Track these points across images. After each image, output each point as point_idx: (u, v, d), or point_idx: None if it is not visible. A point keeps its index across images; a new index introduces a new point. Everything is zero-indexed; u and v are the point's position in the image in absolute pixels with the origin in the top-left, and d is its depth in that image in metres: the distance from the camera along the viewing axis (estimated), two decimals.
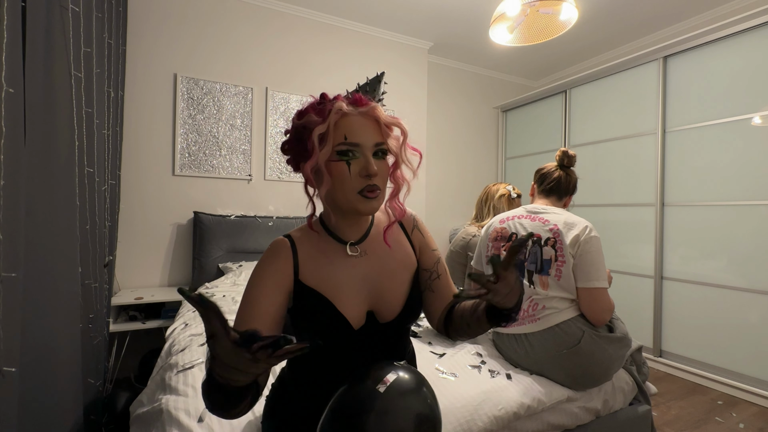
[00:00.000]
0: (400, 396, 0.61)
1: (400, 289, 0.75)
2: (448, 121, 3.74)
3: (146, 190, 2.38)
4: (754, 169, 2.09)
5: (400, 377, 0.63)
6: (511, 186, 2.00)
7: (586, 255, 1.18)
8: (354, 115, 0.66)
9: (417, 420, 0.60)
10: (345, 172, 0.65)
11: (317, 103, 0.68)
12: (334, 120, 0.65)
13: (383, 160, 0.69)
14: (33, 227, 1.02)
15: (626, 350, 1.25)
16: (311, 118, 0.67)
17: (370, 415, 0.58)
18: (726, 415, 1.88)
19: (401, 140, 0.70)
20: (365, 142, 0.66)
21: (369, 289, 0.73)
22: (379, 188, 0.67)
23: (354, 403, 0.61)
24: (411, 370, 0.66)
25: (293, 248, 0.72)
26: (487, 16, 2.77)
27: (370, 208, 0.67)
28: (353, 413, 0.59)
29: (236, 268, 2.26)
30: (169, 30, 2.44)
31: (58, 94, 1.15)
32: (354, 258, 0.74)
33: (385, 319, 0.74)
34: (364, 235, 0.76)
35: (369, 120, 0.67)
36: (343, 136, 0.65)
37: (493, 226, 1.42)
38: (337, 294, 0.70)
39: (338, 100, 0.67)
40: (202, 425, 0.88)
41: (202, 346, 1.31)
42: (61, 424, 1.13)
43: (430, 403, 0.63)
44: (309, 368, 0.77)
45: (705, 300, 2.27)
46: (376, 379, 0.62)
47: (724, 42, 2.22)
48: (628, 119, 2.72)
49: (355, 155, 0.65)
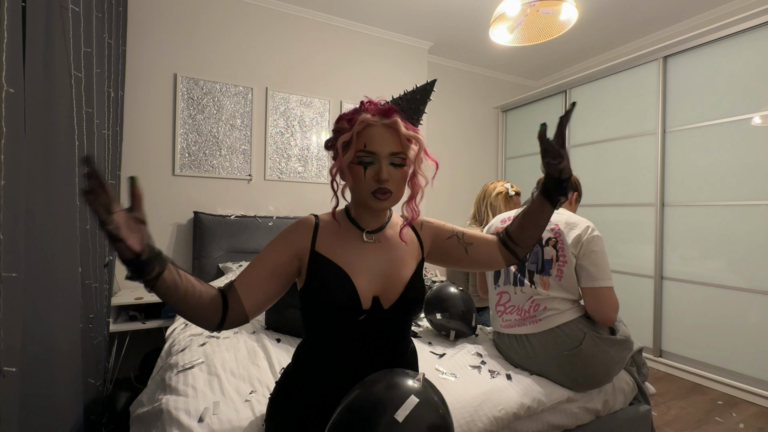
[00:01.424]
0: (416, 408, 0.60)
1: (405, 274, 0.82)
2: (448, 121, 3.74)
3: (146, 190, 2.35)
4: (754, 169, 2.09)
5: (419, 413, 0.60)
6: (509, 184, 1.97)
7: (590, 255, 1.18)
8: (377, 126, 0.75)
9: (429, 430, 0.59)
10: (361, 175, 0.75)
11: (354, 111, 0.78)
12: (357, 130, 0.74)
13: (400, 167, 0.77)
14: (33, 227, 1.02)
15: (628, 353, 1.25)
16: (343, 126, 0.77)
17: (382, 421, 0.58)
18: (726, 415, 1.88)
19: (417, 151, 0.78)
20: (381, 152, 0.74)
21: (377, 272, 0.80)
22: (390, 191, 0.75)
23: (369, 406, 0.61)
24: (430, 400, 0.64)
25: (316, 223, 0.82)
26: (487, 16, 2.77)
27: (379, 206, 0.76)
28: (366, 417, 0.59)
29: (236, 268, 2.26)
30: (169, 30, 2.43)
31: (58, 94, 1.15)
32: (368, 243, 0.82)
33: (389, 302, 0.79)
34: (380, 227, 0.85)
35: (390, 131, 0.75)
36: (363, 144, 0.74)
37: (494, 225, 1.43)
38: (350, 270, 0.78)
39: (368, 111, 0.76)
40: (202, 425, 0.88)
41: (202, 347, 1.31)
42: (61, 423, 1.13)
43: (442, 413, 0.63)
44: (313, 363, 0.79)
45: (705, 300, 2.27)
46: (393, 405, 0.60)
47: (724, 42, 2.22)
48: (628, 119, 2.72)
49: (371, 162, 0.74)
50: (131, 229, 0.58)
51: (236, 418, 0.91)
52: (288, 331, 1.51)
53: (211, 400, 0.97)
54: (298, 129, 2.83)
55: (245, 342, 1.37)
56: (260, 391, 1.04)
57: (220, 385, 1.05)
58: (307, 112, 2.86)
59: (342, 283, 0.76)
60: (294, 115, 2.81)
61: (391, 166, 0.75)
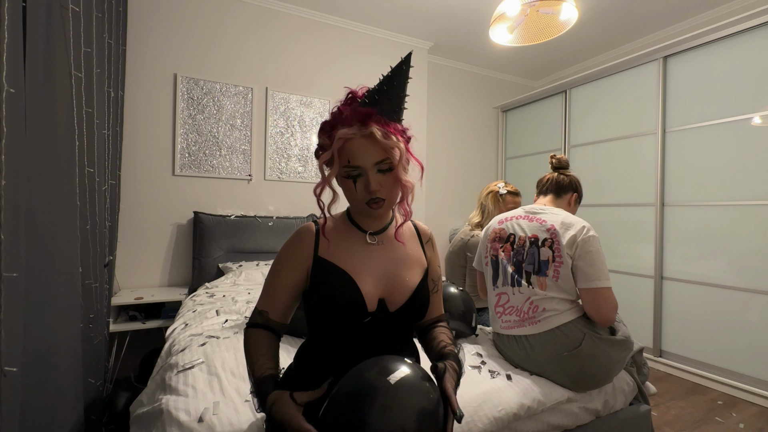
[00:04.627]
0: (407, 392, 0.61)
1: (412, 279, 0.82)
2: (448, 121, 3.74)
3: (146, 190, 2.38)
4: (754, 169, 2.09)
5: (410, 374, 0.63)
6: (502, 183, 1.97)
7: (586, 255, 1.18)
8: (357, 139, 0.72)
9: (420, 416, 0.59)
10: (352, 188, 0.75)
11: (332, 122, 0.75)
12: (337, 147, 0.73)
13: (388, 173, 0.75)
14: (33, 227, 1.02)
15: (628, 353, 1.25)
16: (324, 141, 0.76)
17: (374, 406, 0.58)
18: (726, 415, 1.88)
19: (399, 157, 0.74)
20: (366, 164, 0.73)
21: (383, 274, 0.80)
22: (383, 199, 0.75)
23: (360, 393, 0.61)
24: (420, 368, 0.67)
25: (316, 230, 0.82)
26: (487, 16, 2.77)
27: (376, 214, 0.78)
28: (358, 402, 0.59)
29: (236, 268, 2.26)
30: (169, 30, 2.44)
31: (58, 94, 1.15)
32: (372, 245, 0.82)
33: (394, 306, 0.79)
34: (383, 228, 0.84)
35: (371, 140, 0.72)
36: (347, 159, 0.73)
37: (492, 227, 1.43)
38: (355, 272, 0.78)
39: (345, 120, 0.72)
40: (202, 425, 0.88)
41: (202, 347, 1.31)
42: (61, 423, 1.13)
43: (434, 399, 0.63)
44: (315, 363, 0.79)
45: (705, 300, 2.27)
46: (385, 371, 0.62)
47: (724, 42, 2.22)
48: (628, 119, 2.72)
49: (359, 174, 0.74)
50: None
51: (236, 418, 0.91)
52: (288, 331, 1.51)
53: (211, 400, 0.97)
54: (298, 129, 2.83)
55: None
56: None
57: (220, 385, 1.05)
58: (307, 112, 2.86)
59: (347, 286, 0.76)
60: (294, 115, 2.81)
61: (379, 174, 0.74)
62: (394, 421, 0.58)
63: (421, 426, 0.59)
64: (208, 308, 1.72)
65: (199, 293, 2.00)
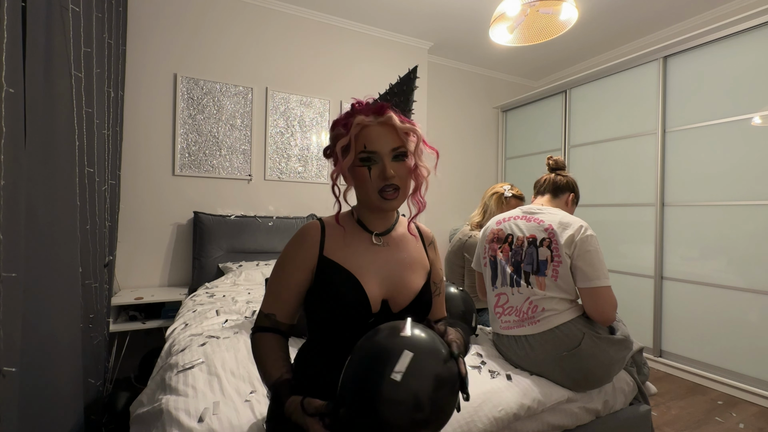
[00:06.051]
0: (425, 359, 0.60)
1: (415, 281, 0.82)
2: (448, 121, 3.74)
3: (146, 190, 2.38)
4: (754, 169, 2.09)
5: (430, 342, 0.62)
6: (508, 185, 1.95)
7: (584, 255, 1.18)
8: (373, 126, 0.75)
9: (437, 382, 0.59)
10: (366, 176, 0.75)
11: (347, 115, 0.78)
12: (354, 133, 0.75)
13: (403, 161, 0.77)
14: (33, 227, 1.02)
15: (627, 352, 1.24)
16: (339, 131, 0.77)
17: (389, 378, 0.57)
18: (726, 415, 1.88)
19: (416, 143, 0.78)
20: (382, 150, 0.75)
21: (387, 275, 0.80)
22: (398, 187, 0.76)
23: (379, 359, 0.60)
24: (438, 337, 0.66)
25: (322, 228, 0.81)
26: (487, 16, 2.77)
27: (389, 206, 0.77)
28: (375, 370, 0.59)
29: (236, 268, 2.26)
30: (169, 30, 2.44)
31: (58, 94, 1.15)
32: (377, 246, 0.82)
33: (398, 307, 0.79)
34: (388, 229, 0.85)
35: (387, 128, 0.76)
36: (363, 145, 0.75)
37: (490, 227, 1.43)
38: (360, 273, 0.78)
39: (361, 112, 0.76)
40: (202, 425, 0.88)
41: (202, 347, 1.31)
42: (61, 423, 1.13)
43: (449, 366, 0.63)
44: (316, 364, 0.79)
45: (705, 300, 2.27)
46: (405, 342, 0.61)
47: (724, 42, 2.22)
48: (628, 119, 2.72)
49: (374, 161, 0.75)
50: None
51: (236, 418, 0.90)
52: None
53: (211, 400, 0.97)
54: (298, 129, 2.83)
55: (245, 342, 1.37)
56: (260, 391, 1.04)
57: (220, 385, 1.05)
58: (307, 112, 2.86)
59: (351, 288, 0.76)
60: (294, 115, 2.81)
61: (394, 161, 0.76)
62: (411, 389, 0.57)
63: (438, 392, 0.59)
64: (208, 308, 1.72)
65: (199, 293, 2.00)
